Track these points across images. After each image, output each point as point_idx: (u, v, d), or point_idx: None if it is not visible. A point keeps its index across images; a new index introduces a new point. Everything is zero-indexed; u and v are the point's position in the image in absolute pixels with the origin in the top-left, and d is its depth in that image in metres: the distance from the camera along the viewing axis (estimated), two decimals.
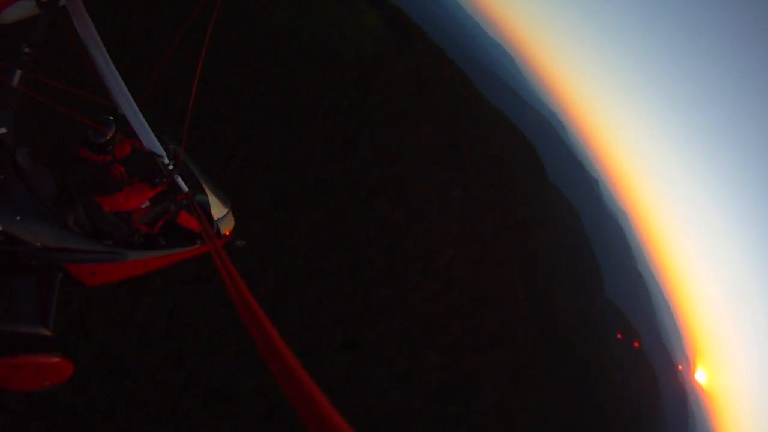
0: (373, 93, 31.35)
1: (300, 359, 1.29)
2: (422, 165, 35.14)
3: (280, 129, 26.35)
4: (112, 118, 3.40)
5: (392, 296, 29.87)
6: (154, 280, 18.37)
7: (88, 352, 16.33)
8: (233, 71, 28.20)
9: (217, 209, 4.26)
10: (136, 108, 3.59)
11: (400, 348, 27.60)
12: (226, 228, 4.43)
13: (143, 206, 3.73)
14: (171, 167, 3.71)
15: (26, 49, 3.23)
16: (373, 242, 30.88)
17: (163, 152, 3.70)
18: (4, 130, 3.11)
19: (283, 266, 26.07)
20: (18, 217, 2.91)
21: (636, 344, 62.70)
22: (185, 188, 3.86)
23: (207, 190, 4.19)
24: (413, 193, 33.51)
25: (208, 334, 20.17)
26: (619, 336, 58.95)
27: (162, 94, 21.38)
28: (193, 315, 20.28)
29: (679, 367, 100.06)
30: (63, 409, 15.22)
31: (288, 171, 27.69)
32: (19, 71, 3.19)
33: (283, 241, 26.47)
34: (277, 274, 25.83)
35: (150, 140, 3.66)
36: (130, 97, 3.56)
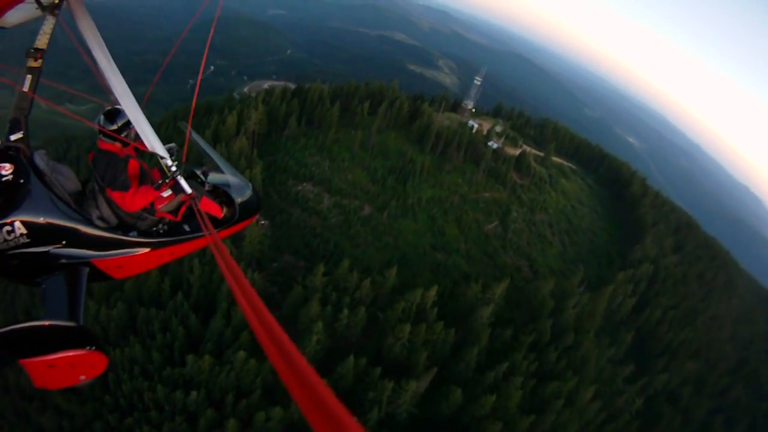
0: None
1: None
2: None
3: None
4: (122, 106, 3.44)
5: None
6: None
7: None
8: None
9: (238, 192, 4.35)
10: (140, 109, 3.48)
11: None
12: (248, 209, 4.47)
13: (165, 195, 3.70)
14: (174, 168, 3.68)
15: (34, 53, 3.11)
16: None
17: (166, 153, 3.66)
18: (19, 135, 3.19)
19: None
20: (41, 219, 3.04)
21: None
22: (188, 190, 3.80)
23: (227, 174, 4.30)
24: None
25: None
26: None
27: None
28: None
29: None
30: None
31: None
32: (29, 76, 3.12)
33: None
34: None
35: (153, 141, 3.58)
36: (134, 99, 3.44)
